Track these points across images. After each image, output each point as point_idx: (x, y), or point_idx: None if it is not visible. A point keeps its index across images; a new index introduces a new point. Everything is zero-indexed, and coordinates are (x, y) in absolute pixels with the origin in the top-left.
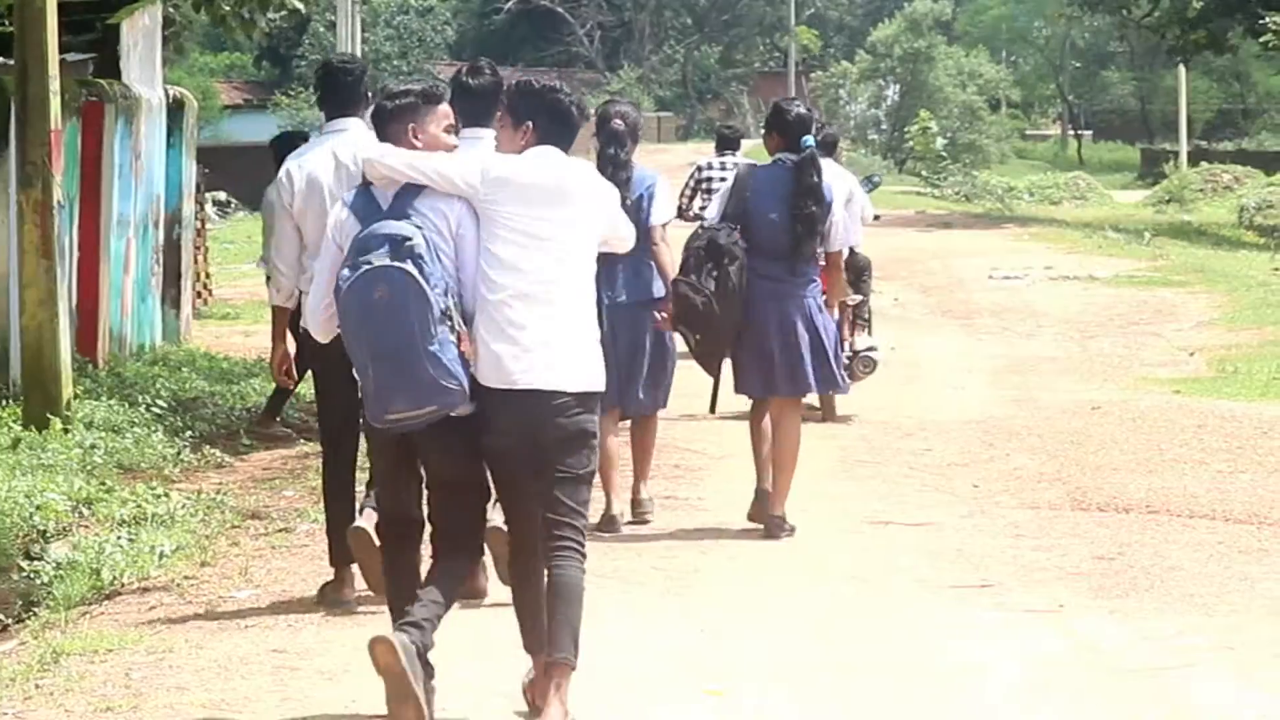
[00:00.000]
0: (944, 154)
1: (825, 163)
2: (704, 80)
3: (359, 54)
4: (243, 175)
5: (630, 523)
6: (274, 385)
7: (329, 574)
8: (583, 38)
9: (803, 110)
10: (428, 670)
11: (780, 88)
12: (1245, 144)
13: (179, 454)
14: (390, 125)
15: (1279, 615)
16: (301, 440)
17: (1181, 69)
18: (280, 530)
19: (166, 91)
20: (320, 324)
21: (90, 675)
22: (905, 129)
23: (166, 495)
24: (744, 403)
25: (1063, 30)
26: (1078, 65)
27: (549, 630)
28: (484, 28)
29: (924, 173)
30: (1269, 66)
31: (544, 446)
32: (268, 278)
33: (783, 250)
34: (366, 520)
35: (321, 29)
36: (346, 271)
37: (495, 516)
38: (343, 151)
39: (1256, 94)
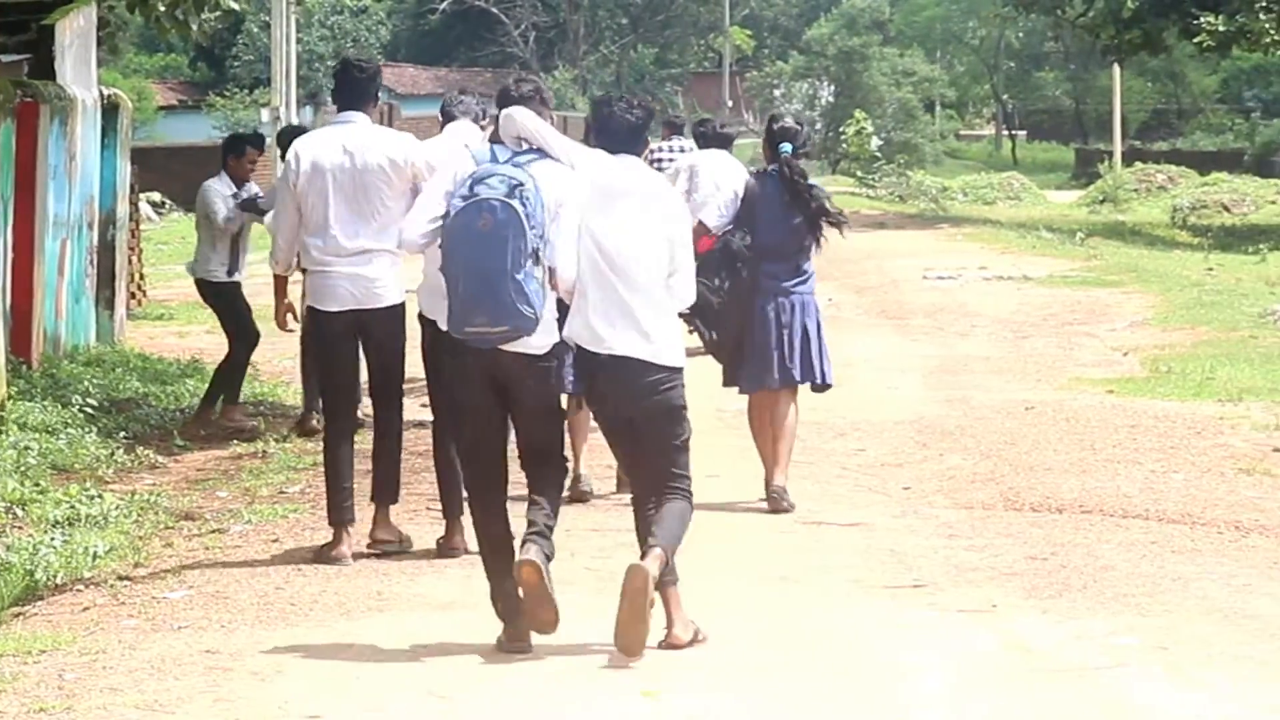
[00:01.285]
0: (879, 154)
1: (720, 155)
2: (639, 80)
3: (293, 54)
4: (178, 176)
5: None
6: (212, 379)
7: (263, 576)
8: (517, 38)
9: (786, 123)
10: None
11: (715, 88)
12: (1179, 144)
13: (113, 455)
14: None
15: (1212, 615)
16: (235, 442)
17: (1116, 69)
18: (214, 531)
19: (101, 92)
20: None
21: (23, 676)
22: (840, 129)
23: (100, 496)
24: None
25: (997, 30)
26: (1012, 65)
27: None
28: (419, 28)
29: (858, 173)
30: (1203, 67)
31: (636, 413)
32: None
33: (787, 253)
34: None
35: (256, 29)
36: (460, 201)
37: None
38: (350, 141)
39: (1191, 94)
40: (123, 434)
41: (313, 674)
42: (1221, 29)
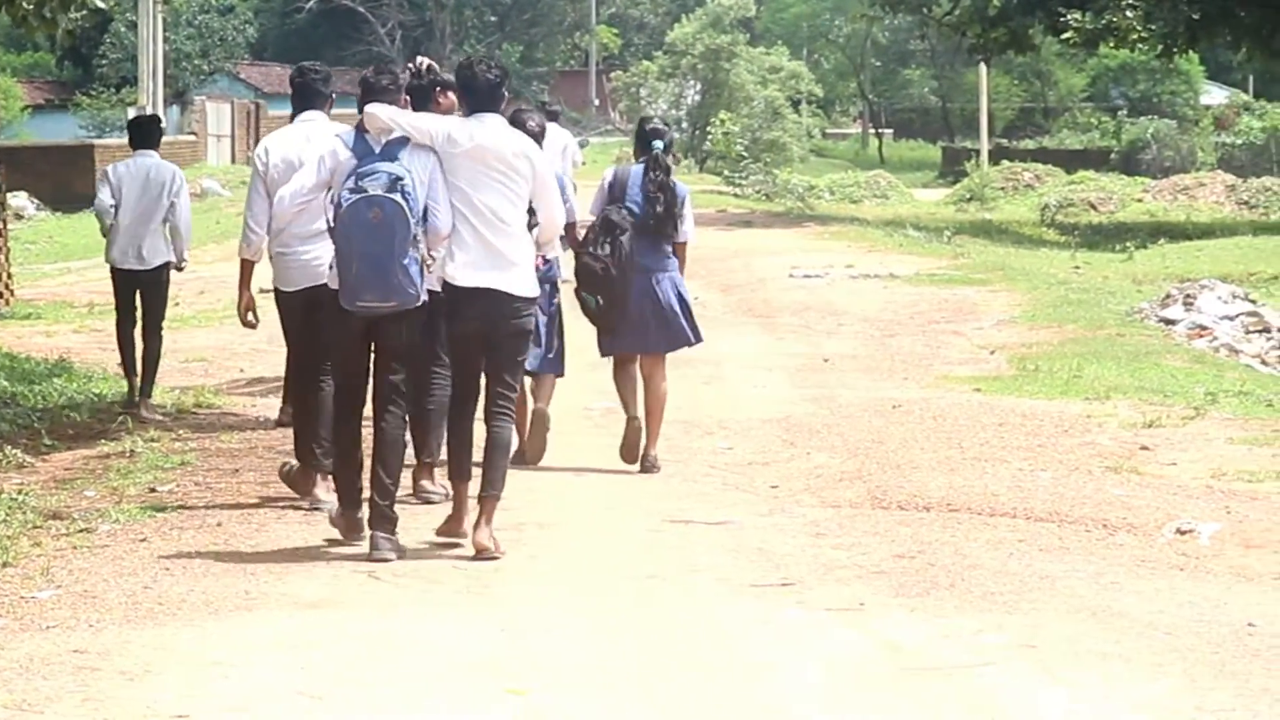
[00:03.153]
0: (744, 154)
1: (553, 127)
2: None
3: (160, 53)
4: (46, 175)
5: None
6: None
7: (131, 575)
8: (384, 37)
9: (657, 125)
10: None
11: (581, 86)
12: (1046, 142)
13: None
14: (379, 97)
15: (1079, 613)
16: (102, 441)
17: (982, 67)
18: (82, 530)
19: None
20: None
21: None
22: (707, 128)
23: None
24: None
25: (863, 28)
26: (878, 63)
27: (485, 473)
28: (285, 27)
29: (725, 172)
30: (1070, 65)
31: (496, 333)
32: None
33: (647, 234)
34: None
35: (123, 29)
36: (348, 194)
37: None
38: (312, 136)
39: (1057, 92)
40: None
41: (181, 674)
42: (1089, 26)
